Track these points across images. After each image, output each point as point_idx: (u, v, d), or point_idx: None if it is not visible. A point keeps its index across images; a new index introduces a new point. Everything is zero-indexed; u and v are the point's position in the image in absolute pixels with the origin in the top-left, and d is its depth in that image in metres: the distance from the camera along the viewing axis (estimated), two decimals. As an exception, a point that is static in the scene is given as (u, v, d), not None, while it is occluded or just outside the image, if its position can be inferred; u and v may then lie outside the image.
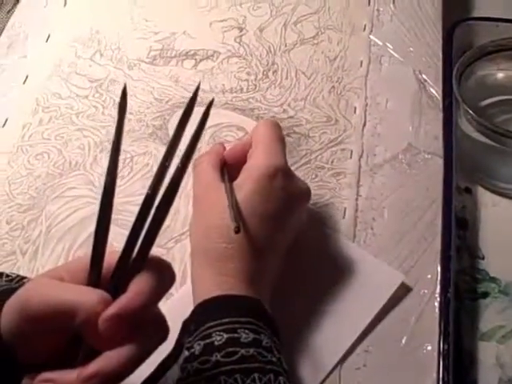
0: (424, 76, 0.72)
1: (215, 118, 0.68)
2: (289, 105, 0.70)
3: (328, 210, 0.62)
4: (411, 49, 0.75)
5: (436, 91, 0.71)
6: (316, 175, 0.64)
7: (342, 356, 0.53)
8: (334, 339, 0.54)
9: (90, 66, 0.75)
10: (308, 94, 0.71)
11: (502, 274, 0.61)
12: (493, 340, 0.58)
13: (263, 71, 0.74)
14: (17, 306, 0.40)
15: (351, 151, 0.66)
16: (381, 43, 0.75)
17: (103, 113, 0.70)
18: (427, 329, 0.55)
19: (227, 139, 0.67)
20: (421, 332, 0.55)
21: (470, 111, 0.65)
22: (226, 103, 0.71)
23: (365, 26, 0.77)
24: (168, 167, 0.40)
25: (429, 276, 0.58)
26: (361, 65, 0.74)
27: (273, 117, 0.69)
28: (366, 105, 0.70)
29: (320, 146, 0.67)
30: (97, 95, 0.72)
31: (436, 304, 0.56)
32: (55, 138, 0.69)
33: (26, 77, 0.74)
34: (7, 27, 0.79)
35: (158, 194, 0.40)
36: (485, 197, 0.67)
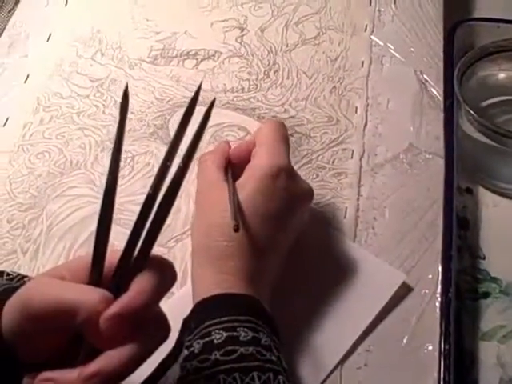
0: (425, 76, 0.72)
1: (216, 117, 0.68)
2: (290, 105, 0.70)
3: (329, 210, 0.62)
4: (412, 49, 0.75)
5: (437, 91, 0.71)
6: (317, 175, 0.64)
7: (342, 355, 0.53)
8: (334, 339, 0.54)
9: (91, 65, 0.75)
10: (309, 93, 0.71)
11: (503, 274, 0.61)
12: (494, 340, 0.58)
13: (264, 71, 0.74)
14: (18, 305, 0.40)
15: (352, 151, 0.66)
16: (382, 43, 0.75)
17: (104, 112, 0.70)
18: (428, 328, 0.55)
19: (228, 139, 0.67)
20: (422, 332, 0.55)
21: (471, 111, 0.65)
22: (227, 103, 0.71)
23: (366, 26, 0.77)
24: (169, 167, 0.40)
25: (430, 276, 0.58)
26: (362, 65, 0.74)
27: (274, 116, 0.69)
28: (367, 105, 0.70)
29: (321, 145, 0.67)
30: (98, 95, 0.72)
31: (437, 304, 0.56)
32: (56, 137, 0.69)
33: (27, 76, 0.74)
34: (8, 26, 0.79)
35: (160, 193, 0.40)
36: (486, 197, 0.67)
